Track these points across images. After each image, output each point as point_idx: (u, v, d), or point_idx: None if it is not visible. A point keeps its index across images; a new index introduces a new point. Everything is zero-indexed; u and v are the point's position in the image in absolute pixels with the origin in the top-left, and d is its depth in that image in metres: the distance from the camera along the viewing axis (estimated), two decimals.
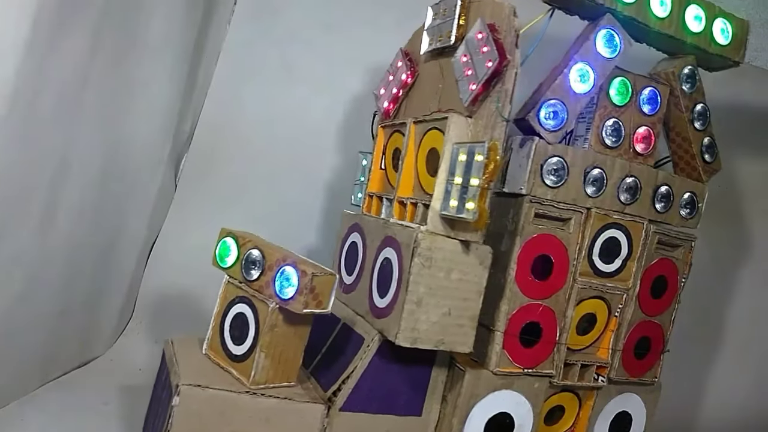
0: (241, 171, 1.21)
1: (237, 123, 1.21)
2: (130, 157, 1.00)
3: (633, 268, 0.82)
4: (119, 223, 1.03)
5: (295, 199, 1.21)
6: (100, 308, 1.05)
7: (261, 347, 0.67)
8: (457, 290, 0.68)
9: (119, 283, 1.09)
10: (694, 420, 1.18)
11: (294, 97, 1.21)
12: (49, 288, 0.86)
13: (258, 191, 1.21)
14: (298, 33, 1.21)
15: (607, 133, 0.78)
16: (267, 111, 1.21)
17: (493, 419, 0.76)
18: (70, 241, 0.89)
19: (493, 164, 0.63)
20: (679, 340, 1.17)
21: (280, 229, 1.16)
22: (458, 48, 0.71)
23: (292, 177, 1.21)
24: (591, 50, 0.74)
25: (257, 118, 1.21)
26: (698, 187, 0.86)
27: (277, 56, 1.20)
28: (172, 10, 1.00)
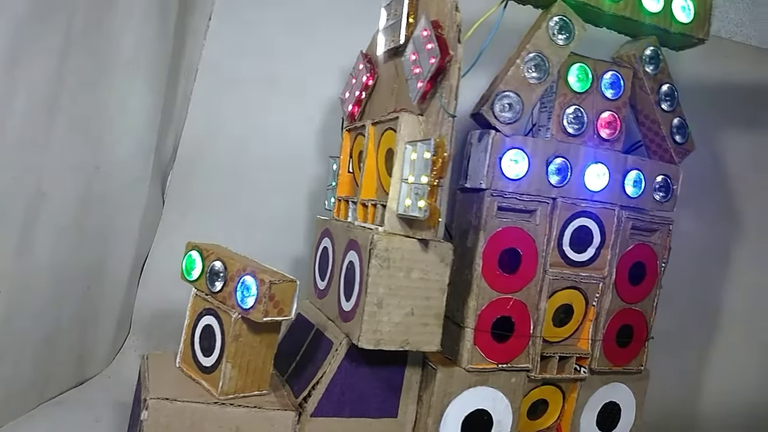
0: (226, 183, 1.22)
1: (219, 136, 1.22)
2: (112, 177, 1.02)
3: (608, 256, 0.81)
4: (106, 242, 1.05)
5: (281, 207, 1.21)
6: (93, 327, 1.07)
7: (227, 358, 0.68)
8: (419, 289, 0.68)
9: (112, 301, 1.11)
10: (696, 406, 1.15)
11: (273, 107, 1.21)
12: (35, 311, 0.88)
13: (244, 203, 1.22)
14: (274, 43, 1.21)
15: (569, 121, 0.77)
16: (248, 123, 1.22)
17: (470, 417, 0.76)
18: (54, 265, 0.90)
19: (441, 161, 0.63)
20: (677, 325, 1.15)
21: (268, 238, 1.17)
22: (407, 47, 0.71)
23: (277, 186, 1.21)
24: (544, 39, 0.74)
25: (239, 130, 1.22)
26: (672, 170, 0.84)
27: (255, 67, 1.21)
28: (142, 27, 1.01)
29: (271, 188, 1.21)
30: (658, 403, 1.15)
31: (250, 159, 1.22)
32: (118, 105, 0.98)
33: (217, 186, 1.22)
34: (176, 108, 1.19)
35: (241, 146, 1.22)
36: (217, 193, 1.22)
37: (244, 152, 1.22)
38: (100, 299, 1.06)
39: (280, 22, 1.21)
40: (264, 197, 1.22)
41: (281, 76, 1.21)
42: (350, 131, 0.86)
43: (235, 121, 1.22)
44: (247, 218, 1.21)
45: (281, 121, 1.22)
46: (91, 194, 0.97)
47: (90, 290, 1.02)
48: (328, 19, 1.21)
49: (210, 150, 1.22)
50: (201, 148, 1.22)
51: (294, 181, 1.21)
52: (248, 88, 1.21)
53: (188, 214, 1.22)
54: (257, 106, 1.21)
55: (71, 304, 0.98)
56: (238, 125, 1.22)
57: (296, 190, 1.21)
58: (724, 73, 1.14)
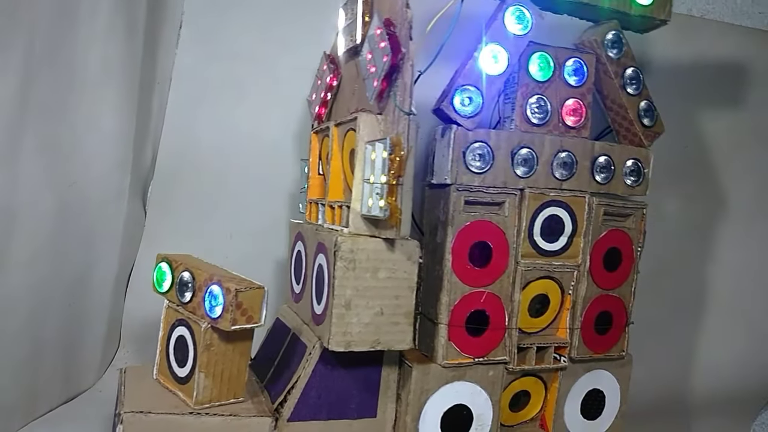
0: (207, 191, 1.22)
1: (197, 144, 1.22)
2: (88, 193, 1.02)
3: (580, 244, 0.80)
4: (86, 258, 1.05)
5: (263, 211, 1.21)
6: (80, 342, 1.07)
7: (200, 368, 0.68)
8: (387, 289, 0.68)
9: (97, 315, 1.11)
10: (687, 387, 1.15)
11: (249, 112, 1.21)
12: (14, 331, 0.89)
13: (226, 209, 1.22)
14: (245, 49, 1.21)
15: (532, 111, 0.77)
16: (225, 129, 1.22)
17: (450, 412, 0.76)
18: (31, 284, 0.91)
19: (398, 159, 0.62)
20: (664, 308, 1.15)
21: (251, 243, 1.17)
22: (363, 46, 0.71)
23: (258, 190, 1.21)
24: (501, 30, 0.73)
25: (216, 137, 1.22)
26: (641, 153, 0.84)
27: (228, 74, 1.20)
28: (108, 45, 1.01)
29: (252, 193, 1.21)
30: (649, 387, 1.16)
31: (229, 165, 1.22)
32: (88, 122, 0.98)
33: (199, 194, 1.22)
34: (152, 120, 1.19)
35: (220, 153, 1.22)
36: (198, 201, 1.22)
37: (223, 159, 1.22)
38: (84, 314, 1.07)
39: (251, 26, 1.21)
40: (245, 202, 1.21)
41: (255, 81, 1.20)
42: (317, 133, 0.86)
43: (213, 128, 1.22)
44: (230, 224, 1.20)
45: (257, 125, 1.21)
46: (67, 211, 0.97)
47: (72, 307, 1.03)
48: (295, 21, 1.21)
49: (189, 159, 1.22)
50: (180, 157, 1.22)
51: (274, 185, 1.21)
52: (223, 94, 1.21)
53: (171, 224, 1.22)
54: (233, 112, 1.21)
55: (54, 321, 0.99)
56: (215, 132, 1.22)
57: (277, 193, 1.20)
58: (699, 52, 1.13)
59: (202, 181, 1.22)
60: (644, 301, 1.14)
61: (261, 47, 1.20)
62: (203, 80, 1.21)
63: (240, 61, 1.21)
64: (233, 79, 1.20)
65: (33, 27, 0.83)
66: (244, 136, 1.21)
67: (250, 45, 1.20)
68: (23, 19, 0.83)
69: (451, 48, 0.74)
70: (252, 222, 1.21)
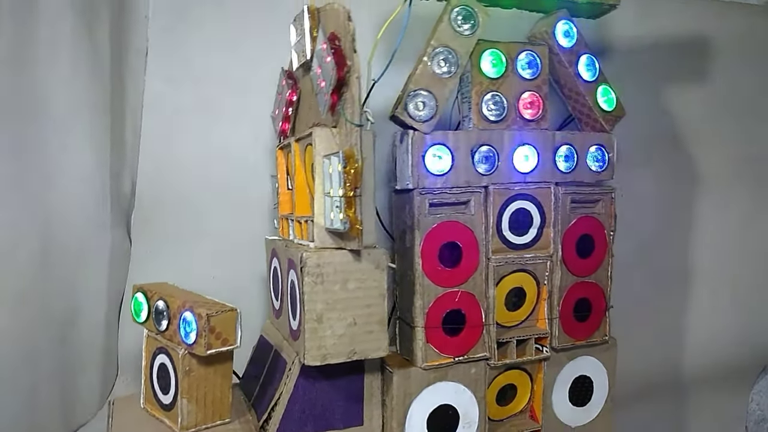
0: (189, 213, 1.23)
1: (175, 169, 1.22)
2: (68, 229, 1.03)
3: (551, 234, 0.81)
4: (74, 294, 1.06)
5: (246, 229, 1.22)
6: (78, 375, 1.08)
7: (182, 393, 0.69)
8: (358, 299, 0.68)
9: (92, 346, 1.12)
10: (679, 364, 1.15)
11: (223, 132, 1.21)
12: (8, 371, 0.90)
13: (209, 230, 1.22)
14: (213, 69, 1.21)
15: (488, 108, 0.77)
16: (201, 150, 1.22)
17: (436, 413, 0.77)
18: (20, 326, 0.92)
19: (353, 171, 0.63)
20: (650, 287, 1.15)
21: (237, 261, 1.17)
22: (313, 61, 0.71)
23: (238, 209, 1.22)
24: (448, 32, 0.74)
25: (193, 159, 1.22)
26: (604, 138, 0.84)
27: (199, 96, 1.21)
28: (74, 80, 1.02)
29: (233, 211, 1.22)
30: (642, 367, 1.16)
31: (209, 185, 1.22)
32: (59, 161, 0.99)
33: (181, 217, 1.23)
34: (127, 149, 1.20)
35: (199, 174, 1.22)
36: (182, 225, 1.23)
37: (202, 180, 1.22)
38: (78, 349, 1.08)
39: (217, 46, 1.21)
40: (227, 221, 1.22)
41: (226, 100, 1.21)
42: (282, 149, 0.86)
43: (189, 150, 1.22)
44: (214, 244, 1.21)
45: (232, 143, 1.22)
46: (48, 250, 0.98)
47: (65, 342, 1.04)
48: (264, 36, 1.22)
49: (168, 184, 1.23)
50: (159, 183, 1.23)
51: (253, 202, 1.21)
52: (196, 116, 1.22)
53: (157, 250, 1.22)
54: (207, 132, 1.22)
55: (47, 357, 1.00)
56: (192, 154, 1.22)
57: (257, 210, 1.21)
58: (660, 29, 1.13)
59: (184, 205, 1.23)
60: (629, 282, 1.15)
61: (230, 66, 1.20)
62: (175, 104, 1.22)
63: (210, 81, 1.21)
64: (205, 100, 1.21)
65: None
66: (220, 156, 1.22)
67: (219, 65, 1.21)
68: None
69: (409, 52, 0.75)
70: (235, 240, 1.21)
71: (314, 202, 0.69)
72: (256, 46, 1.21)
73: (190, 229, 1.23)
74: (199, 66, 1.21)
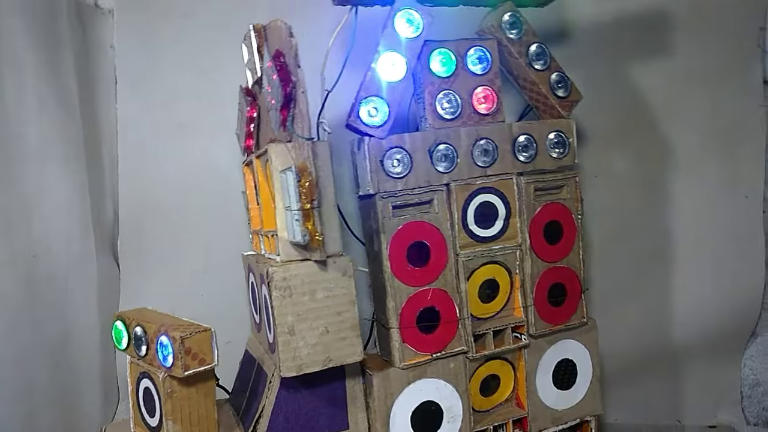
0: (173, 235, 1.25)
1: (155, 191, 1.24)
2: (53, 259, 1.05)
3: (517, 224, 0.82)
4: (64, 322, 1.08)
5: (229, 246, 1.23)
6: (76, 400, 1.10)
7: (166, 416, 0.70)
8: (328, 307, 0.70)
9: (88, 372, 1.15)
10: (669, 337, 1.16)
11: (199, 150, 1.23)
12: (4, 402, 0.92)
13: (194, 248, 1.24)
14: (184, 90, 1.23)
15: (442, 107, 0.78)
16: (178, 170, 1.24)
17: (419, 410, 0.78)
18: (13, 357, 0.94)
19: (308, 184, 0.65)
20: (630, 266, 1.16)
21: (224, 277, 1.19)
22: (263, 79, 0.73)
23: (220, 225, 1.23)
24: (393, 36, 0.75)
25: (172, 179, 1.24)
26: (562, 124, 0.85)
27: (172, 117, 1.23)
28: (42, 114, 1.04)
29: (216, 227, 1.23)
30: (633, 345, 1.17)
31: (190, 204, 1.24)
32: (37, 194, 1.01)
33: (166, 238, 1.25)
34: (106, 176, 1.22)
35: (179, 194, 1.24)
36: (167, 245, 1.25)
37: (183, 199, 1.24)
38: (74, 373, 1.10)
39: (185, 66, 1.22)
40: (211, 237, 1.24)
41: (199, 119, 1.23)
42: (248, 165, 0.88)
43: (167, 171, 1.24)
44: (201, 261, 1.23)
45: (209, 161, 1.23)
46: (35, 280, 1.00)
47: (60, 368, 1.06)
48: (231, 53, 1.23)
49: (150, 206, 1.25)
50: (141, 206, 1.24)
51: (234, 217, 1.22)
52: (171, 137, 1.23)
53: (146, 272, 1.24)
54: (183, 152, 1.23)
55: (42, 385, 1.02)
56: (170, 175, 1.24)
57: (238, 225, 1.23)
58: (620, 7, 1.14)
59: (167, 225, 1.25)
60: (611, 263, 1.16)
61: (200, 85, 1.22)
62: (149, 127, 1.24)
63: (181, 101, 1.23)
64: (178, 120, 1.23)
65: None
66: (198, 174, 1.24)
67: (189, 84, 1.22)
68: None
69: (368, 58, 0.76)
70: (220, 256, 1.23)
71: (277, 217, 0.70)
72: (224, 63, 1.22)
73: (175, 247, 1.25)
74: (170, 87, 1.23)
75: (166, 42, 1.21)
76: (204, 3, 1.17)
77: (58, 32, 1.10)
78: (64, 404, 1.06)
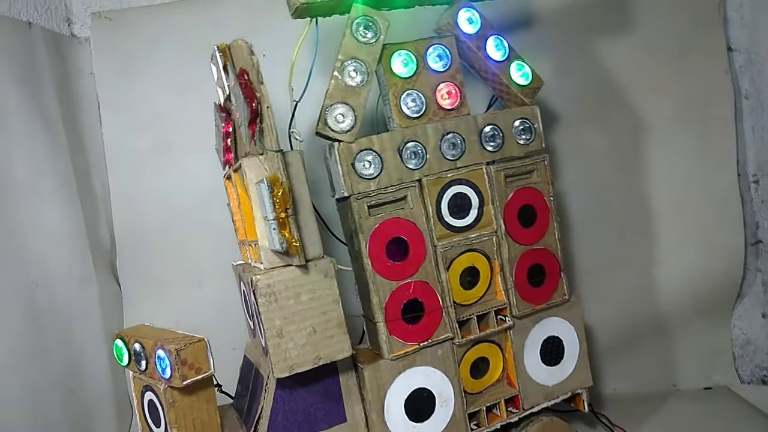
0: (169, 250, 1.28)
1: (148, 210, 1.28)
2: (54, 287, 1.09)
3: (491, 211, 0.85)
4: (72, 346, 1.12)
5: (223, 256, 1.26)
6: (91, 426, 1.14)
7: (170, 425, 0.74)
8: (313, 308, 0.73)
9: (100, 393, 1.19)
10: (659, 305, 1.19)
11: (186, 166, 1.26)
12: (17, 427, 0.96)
13: (190, 262, 1.28)
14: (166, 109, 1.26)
15: (407, 106, 0.81)
16: (169, 188, 1.27)
17: (412, 398, 0.81)
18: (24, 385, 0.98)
19: (280, 193, 0.68)
20: (613, 239, 1.19)
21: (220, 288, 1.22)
22: (231, 97, 0.76)
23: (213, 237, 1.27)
24: (352, 44, 0.78)
25: (164, 198, 1.27)
26: (527, 111, 0.88)
27: (157, 137, 1.26)
28: (32, 148, 1.08)
29: (209, 239, 1.27)
30: (621, 316, 1.21)
31: (182, 220, 1.28)
32: (31, 225, 1.05)
33: (162, 254, 1.28)
34: (98, 201, 1.26)
35: (171, 211, 1.28)
36: (164, 261, 1.28)
37: (175, 215, 1.28)
38: (88, 395, 1.14)
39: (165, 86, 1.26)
40: (205, 249, 1.27)
41: (183, 136, 1.26)
42: (229, 178, 0.91)
43: (158, 190, 1.28)
44: (198, 273, 1.27)
45: (197, 176, 1.26)
46: (37, 309, 1.04)
47: (74, 393, 1.10)
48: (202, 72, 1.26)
49: (144, 225, 1.28)
50: (135, 227, 1.28)
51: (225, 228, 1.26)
52: (158, 156, 1.27)
53: (147, 289, 1.28)
54: (172, 170, 1.27)
55: (58, 410, 1.06)
56: (161, 193, 1.28)
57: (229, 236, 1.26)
58: None
59: (163, 242, 1.28)
60: (595, 237, 1.19)
61: (179, 104, 1.25)
62: (136, 149, 1.27)
63: (163, 122, 1.26)
64: (162, 140, 1.26)
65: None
66: (188, 189, 1.27)
67: (169, 105, 1.26)
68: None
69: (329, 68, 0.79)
70: (216, 266, 1.26)
71: (257, 227, 0.74)
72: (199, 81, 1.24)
73: (172, 263, 1.28)
74: (152, 108, 1.26)
75: (143, 66, 1.24)
76: (174, 25, 1.21)
77: (37, 65, 1.13)
78: (81, 428, 1.10)
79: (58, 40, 1.21)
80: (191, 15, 1.21)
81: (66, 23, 1.27)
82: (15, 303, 1.00)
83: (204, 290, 1.27)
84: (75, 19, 1.28)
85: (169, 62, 1.23)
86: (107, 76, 1.25)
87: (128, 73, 1.25)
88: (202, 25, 1.19)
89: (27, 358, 1.00)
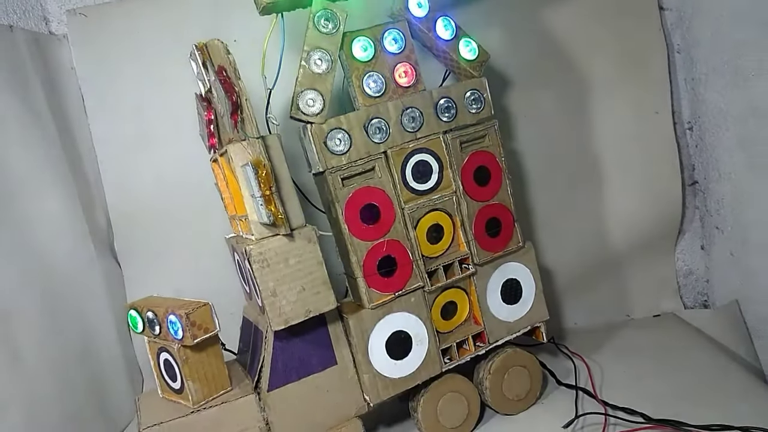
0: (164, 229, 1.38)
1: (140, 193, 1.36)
2: (62, 274, 1.19)
3: (450, 175, 0.97)
4: (84, 323, 1.23)
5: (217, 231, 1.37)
6: (108, 391, 1.26)
7: (186, 377, 0.87)
8: (300, 270, 0.85)
9: (114, 362, 1.30)
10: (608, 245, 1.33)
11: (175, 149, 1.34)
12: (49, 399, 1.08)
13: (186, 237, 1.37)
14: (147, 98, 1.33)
15: (369, 87, 0.92)
16: (160, 170, 1.35)
17: (392, 339, 0.94)
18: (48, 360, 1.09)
19: (264, 173, 0.79)
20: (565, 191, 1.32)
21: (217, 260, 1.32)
22: (212, 91, 0.86)
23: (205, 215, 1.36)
24: (316, 35, 0.87)
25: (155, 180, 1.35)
26: (476, 83, 0.99)
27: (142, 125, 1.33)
28: (27, 145, 1.16)
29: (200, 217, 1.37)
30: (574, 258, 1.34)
31: (171, 200, 1.37)
32: (37, 216, 1.14)
33: (158, 232, 1.38)
34: (92, 188, 1.35)
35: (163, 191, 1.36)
36: (160, 240, 1.38)
37: (163, 196, 1.36)
38: (102, 366, 1.26)
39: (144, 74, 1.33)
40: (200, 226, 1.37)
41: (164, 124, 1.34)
42: (215, 161, 1.01)
43: (145, 174, 1.36)
44: (191, 248, 1.37)
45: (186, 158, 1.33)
46: (50, 295, 1.14)
47: (89, 361, 1.22)
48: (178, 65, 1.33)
49: (138, 207, 1.37)
50: (129, 209, 1.38)
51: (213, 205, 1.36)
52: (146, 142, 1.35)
53: (146, 267, 1.39)
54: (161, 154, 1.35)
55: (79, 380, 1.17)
56: (148, 176, 1.36)
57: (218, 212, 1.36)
58: None
59: (156, 222, 1.38)
60: (551, 188, 1.32)
61: (160, 94, 1.33)
62: (123, 137, 1.35)
63: (146, 111, 1.34)
64: (146, 127, 1.34)
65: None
66: (175, 172, 1.36)
67: (150, 95, 1.33)
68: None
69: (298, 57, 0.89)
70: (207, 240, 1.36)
71: (246, 204, 0.85)
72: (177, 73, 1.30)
73: (168, 242, 1.38)
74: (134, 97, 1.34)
75: (121, 59, 1.31)
76: (147, 19, 1.27)
77: (22, 64, 1.20)
78: (98, 395, 1.22)
79: (38, 38, 1.27)
80: (163, 8, 1.28)
81: (43, 22, 1.33)
82: (34, 291, 1.10)
83: (198, 263, 1.37)
84: (51, 18, 1.34)
85: (145, 56, 1.30)
86: (87, 69, 1.32)
87: (107, 66, 1.32)
88: (174, 17, 1.26)
89: (51, 339, 1.11)
